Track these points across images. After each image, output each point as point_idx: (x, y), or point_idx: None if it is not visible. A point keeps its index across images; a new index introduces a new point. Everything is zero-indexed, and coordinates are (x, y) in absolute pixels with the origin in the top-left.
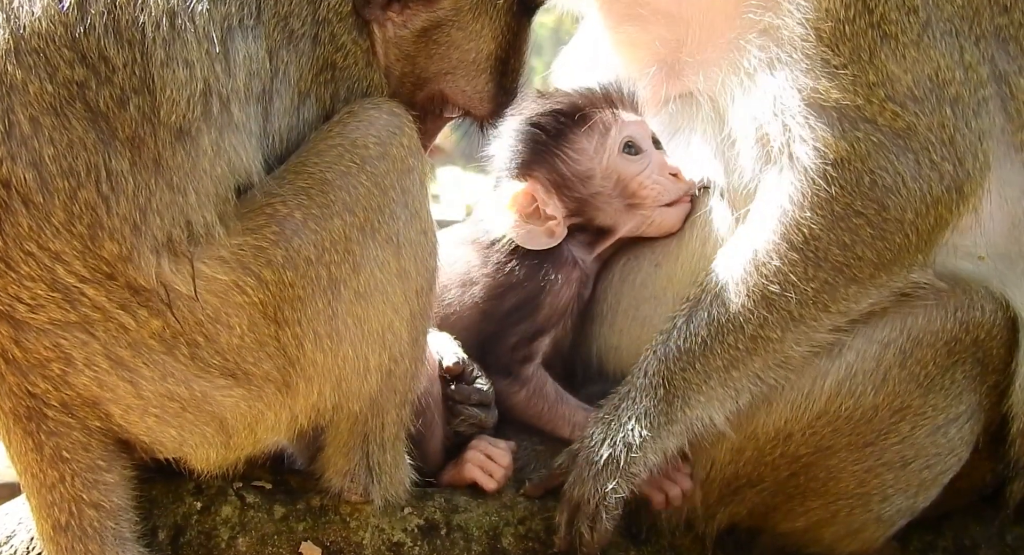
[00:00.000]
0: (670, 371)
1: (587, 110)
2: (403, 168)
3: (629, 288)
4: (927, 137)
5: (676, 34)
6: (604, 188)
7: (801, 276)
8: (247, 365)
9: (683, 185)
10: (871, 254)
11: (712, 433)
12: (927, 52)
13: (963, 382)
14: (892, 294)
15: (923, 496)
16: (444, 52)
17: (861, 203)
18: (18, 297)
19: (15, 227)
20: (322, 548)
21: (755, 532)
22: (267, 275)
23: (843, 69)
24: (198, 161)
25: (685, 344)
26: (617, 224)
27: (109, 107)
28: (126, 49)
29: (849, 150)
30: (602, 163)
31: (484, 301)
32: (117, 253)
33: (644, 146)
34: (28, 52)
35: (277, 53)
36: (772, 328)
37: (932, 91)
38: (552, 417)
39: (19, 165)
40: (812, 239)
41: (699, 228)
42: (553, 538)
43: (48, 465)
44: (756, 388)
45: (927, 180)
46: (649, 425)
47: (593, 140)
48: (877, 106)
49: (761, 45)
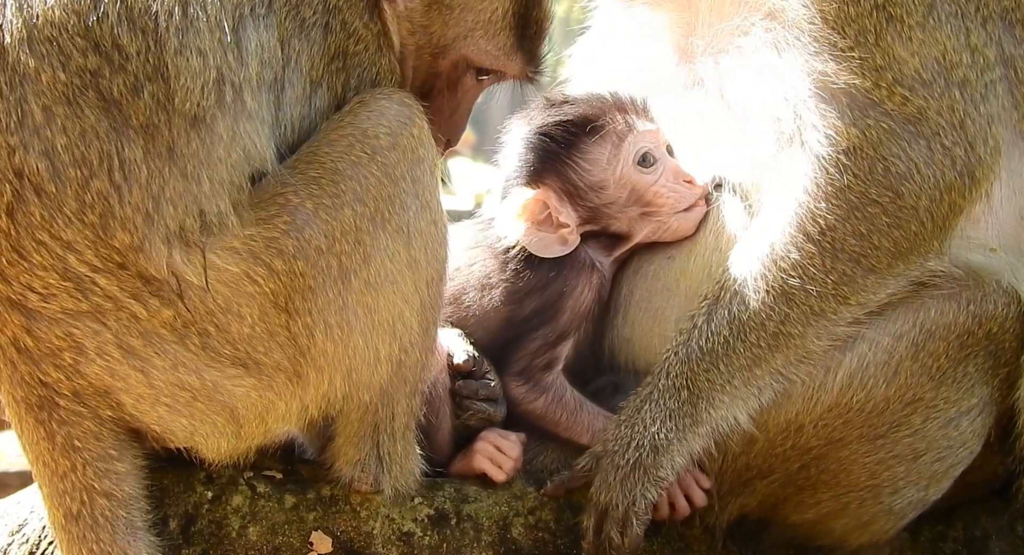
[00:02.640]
0: (693, 372)
1: (598, 120)
2: (413, 158)
3: (642, 280)
4: (937, 122)
5: (687, 18)
6: (618, 198)
7: (819, 268)
8: (258, 355)
9: (698, 190)
10: (888, 243)
11: (737, 432)
12: (933, 34)
13: (975, 375)
14: (909, 283)
15: (934, 489)
16: (459, 16)
17: (876, 191)
18: (30, 286)
19: (27, 216)
20: (332, 537)
21: (765, 523)
22: (278, 265)
23: (850, 51)
24: (213, 148)
25: (707, 344)
26: (633, 231)
27: (123, 95)
28: (139, 37)
29: (861, 137)
30: (616, 174)
31: (504, 306)
32: (129, 243)
33: (658, 155)
34: (41, 41)
35: (289, 42)
36: (793, 324)
37: (940, 74)
38: (571, 425)
39: (32, 154)
40: (829, 230)
41: (712, 221)
42: (581, 543)
43: (60, 454)
44: (778, 385)
45: (940, 166)
46: (675, 427)
47: (606, 151)
48: (886, 90)
49: (767, 27)
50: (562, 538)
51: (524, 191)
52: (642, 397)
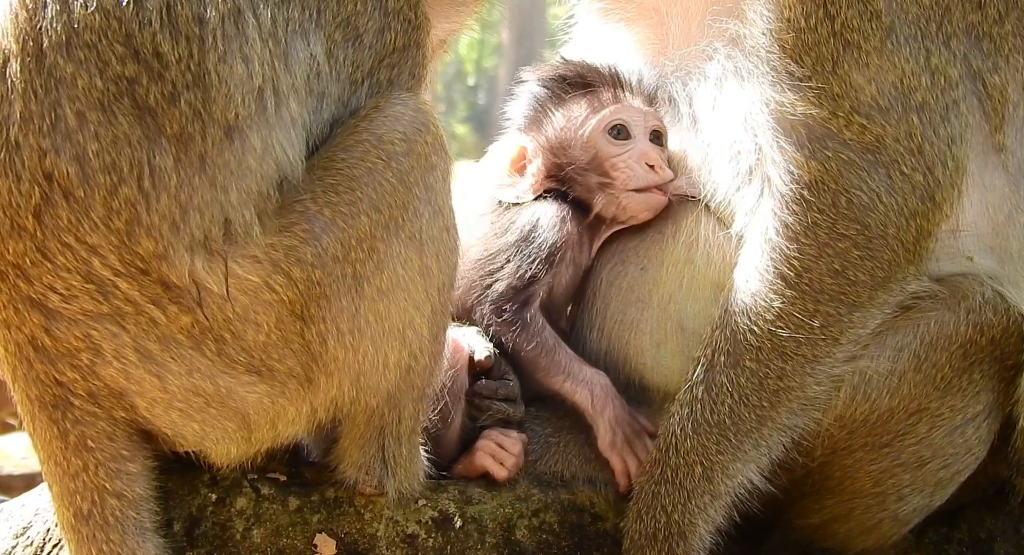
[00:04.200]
0: (704, 446)
1: (592, 82)
2: (427, 165)
3: (616, 292)
4: (895, 149)
5: (659, 36)
6: (580, 160)
7: (804, 313)
8: (272, 362)
9: (655, 177)
10: (864, 276)
11: (751, 491)
12: (891, 59)
13: (980, 382)
14: (895, 310)
15: (939, 495)
16: None
17: (843, 225)
18: (52, 287)
19: (55, 219)
20: (336, 540)
21: (769, 526)
22: (296, 273)
23: (807, 81)
24: (244, 159)
25: (714, 416)
26: (591, 201)
27: (158, 103)
28: (182, 44)
29: (821, 170)
30: (584, 135)
31: (481, 258)
32: (153, 250)
33: (634, 133)
34: (80, 46)
35: (335, 53)
36: (791, 377)
37: (897, 99)
38: (548, 364)
39: (63, 158)
40: (804, 272)
41: (685, 234)
42: None
43: (72, 453)
44: (785, 437)
45: (901, 193)
46: (696, 508)
47: (583, 111)
48: (843, 119)
49: (729, 54)
50: (566, 540)
51: (515, 137)
52: (655, 478)
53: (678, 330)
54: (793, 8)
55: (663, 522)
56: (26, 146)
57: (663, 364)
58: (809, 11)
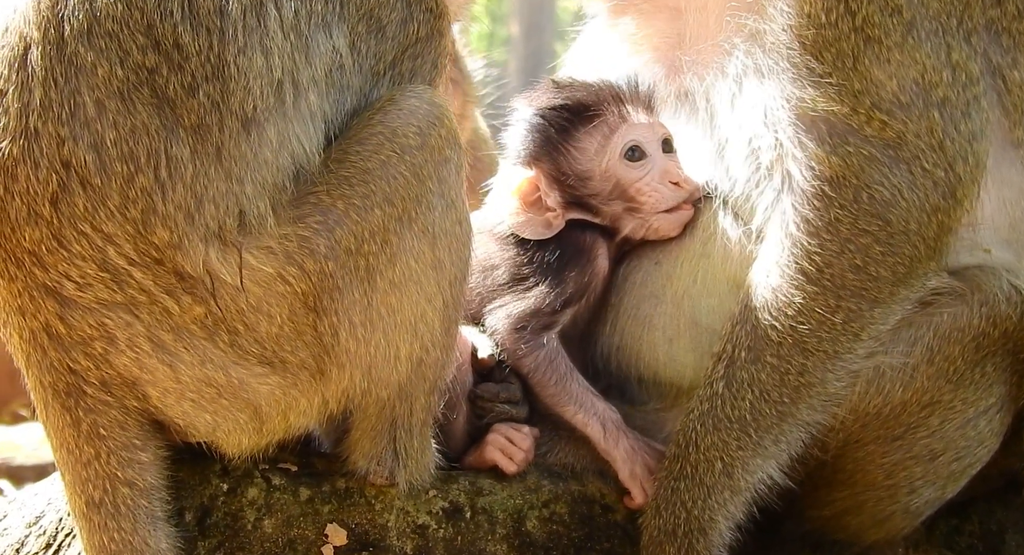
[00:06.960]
0: (725, 442)
1: (596, 108)
2: (441, 158)
3: (630, 287)
4: (917, 145)
5: (676, 29)
6: (602, 190)
7: (825, 308)
8: (284, 353)
9: (682, 193)
10: (886, 272)
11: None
12: (912, 54)
13: (993, 374)
14: (915, 305)
15: (951, 487)
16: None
17: (865, 221)
18: (67, 275)
19: (71, 207)
20: (347, 530)
21: (780, 517)
22: (310, 265)
23: (828, 77)
24: (260, 151)
25: (735, 412)
26: (617, 225)
27: (177, 94)
28: (203, 36)
29: (842, 166)
30: (601, 166)
31: (509, 282)
32: (167, 240)
33: (649, 150)
34: (101, 35)
35: (357, 45)
36: (812, 373)
37: (919, 95)
38: (557, 391)
39: (80, 147)
40: (826, 267)
41: (700, 230)
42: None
43: (84, 441)
44: (805, 432)
45: (923, 189)
46: (716, 504)
47: (595, 141)
48: (864, 115)
49: (748, 50)
50: (576, 531)
51: (518, 171)
52: (674, 473)
53: (692, 325)
54: (814, 4)
55: (683, 518)
56: (45, 133)
57: (676, 360)
58: (830, 7)
